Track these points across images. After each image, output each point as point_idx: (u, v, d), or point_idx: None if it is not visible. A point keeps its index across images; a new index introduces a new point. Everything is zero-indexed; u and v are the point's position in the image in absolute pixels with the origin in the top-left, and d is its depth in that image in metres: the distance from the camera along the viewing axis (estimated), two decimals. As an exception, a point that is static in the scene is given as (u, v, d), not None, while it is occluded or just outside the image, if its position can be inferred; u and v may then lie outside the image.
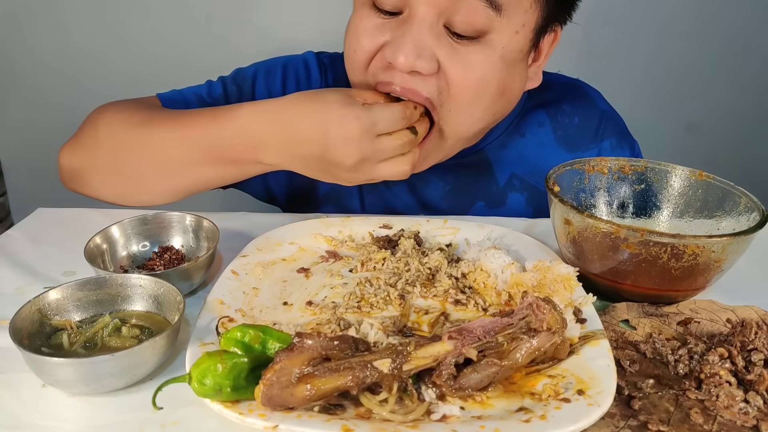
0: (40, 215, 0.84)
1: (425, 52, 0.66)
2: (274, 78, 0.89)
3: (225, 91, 0.87)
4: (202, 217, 0.70)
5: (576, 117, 0.90)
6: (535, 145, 0.89)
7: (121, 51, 1.88)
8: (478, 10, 0.65)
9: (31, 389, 0.50)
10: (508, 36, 0.68)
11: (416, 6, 0.66)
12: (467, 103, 0.71)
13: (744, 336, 0.54)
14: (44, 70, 1.92)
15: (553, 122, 0.89)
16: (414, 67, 0.66)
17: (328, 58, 0.92)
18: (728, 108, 2.01)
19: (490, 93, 0.71)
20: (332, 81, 0.90)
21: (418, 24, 0.66)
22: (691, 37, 1.90)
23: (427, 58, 0.66)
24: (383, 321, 0.56)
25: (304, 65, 0.91)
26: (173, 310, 0.55)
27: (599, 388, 0.46)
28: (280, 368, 0.44)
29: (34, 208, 0.85)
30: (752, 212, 0.64)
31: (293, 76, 0.90)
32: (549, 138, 0.89)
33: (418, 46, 0.66)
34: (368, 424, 0.43)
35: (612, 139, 0.90)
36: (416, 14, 0.66)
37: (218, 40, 1.86)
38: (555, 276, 0.59)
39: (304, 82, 0.90)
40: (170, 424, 0.47)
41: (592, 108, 0.92)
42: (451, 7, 0.65)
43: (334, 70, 0.91)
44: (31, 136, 1.99)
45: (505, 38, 0.68)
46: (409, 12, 0.67)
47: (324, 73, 0.91)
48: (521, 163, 0.89)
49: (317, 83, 0.90)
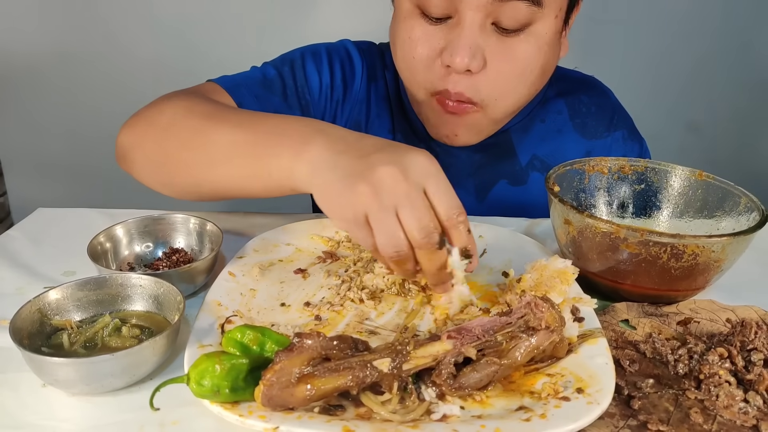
0: (40, 215, 0.84)
1: (477, 53, 0.73)
2: (321, 60, 0.92)
3: (278, 72, 0.88)
4: (206, 220, 0.70)
5: (593, 107, 0.97)
6: (554, 131, 0.95)
7: (121, 52, 1.88)
8: (521, 9, 0.71)
9: (31, 389, 0.50)
10: (549, 22, 0.75)
11: (464, 11, 0.72)
12: (513, 89, 0.78)
13: (744, 336, 0.54)
14: (44, 71, 1.92)
15: (571, 110, 0.96)
16: (468, 66, 0.73)
17: (365, 45, 0.97)
18: (728, 108, 2.01)
19: (534, 76, 0.78)
20: (370, 64, 0.95)
21: (468, 27, 0.72)
22: (692, 37, 1.90)
23: (479, 57, 0.73)
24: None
25: (346, 52, 0.94)
26: (173, 310, 0.55)
27: (598, 387, 0.46)
28: (279, 368, 0.44)
29: (34, 208, 0.85)
30: (752, 212, 0.64)
31: (338, 60, 0.93)
32: (567, 125, 0.96)
33: (472, 47, 0.73)
34: (369, 425, 0.43)
35: (624, 131, 0.97)
36: (465, 19, 0.72)
37: (218, 40, 1.86)
38: (552, 272, 0.59)
39: (349, 67, 0.94)
40: (170, 424, 0.47)
41: (607, 100, 0.99)
42: (496, 9, 0.71)
43: (369, 55, 0.96)
44: (31, 136, 1.99)
45: (547, 25, 0.75)
46: (458, 17, 0.73)
47: (364, 57, 0.95)
48: (541, 146, 0.95)
49: (359, 69, 0.94)
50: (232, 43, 1.85)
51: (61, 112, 1.93)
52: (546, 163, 0.95)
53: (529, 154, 0.95)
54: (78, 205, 0.85)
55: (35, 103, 1.96)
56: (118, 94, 1.73)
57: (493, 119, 0.82)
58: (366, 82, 0.94)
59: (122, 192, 1.87)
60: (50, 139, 1.98)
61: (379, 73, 0.95)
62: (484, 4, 0.71)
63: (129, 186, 1.68)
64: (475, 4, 0.71)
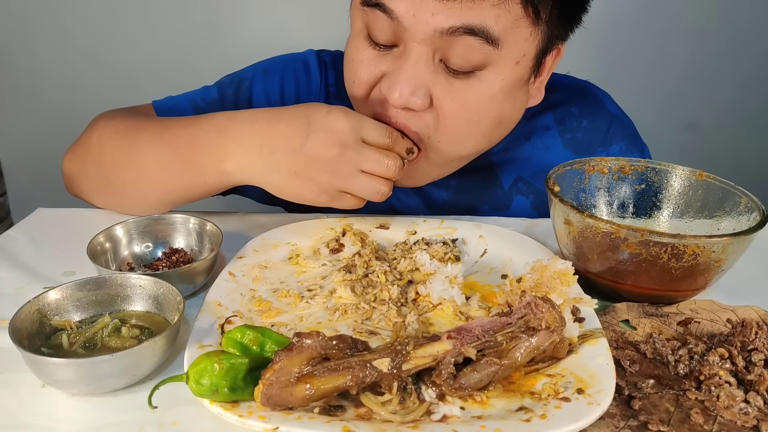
0: (40, 215, 0.84)
1: (419, 90, 0.65)
2: (272, 78, 0.88)
3: (221, 95, 0.87)
4: (206, 220, 0.70)
5: (584, 120, 0.88)
6: (540, 149, 0.87)
7: (121, 53, 1.88)
8: (474, 47, 0.63)
9: (31, 389, 0.50)
10: (508, 68, 0.66)
11: (410, 43, 0.65)
12: (462, 135, 0.70)
13: (744, 336, 0.54)
14: (44, 72, 1.92)
15: (560, 125, 0.88)
16: (407, 103, 0.66)
17: (329, 56, 0.91)
18: (728, 108, 2.01)
19: (485, 125, 0.70)
20: (333, 80, 0.89)
21: (413, 61, 0.65)
22: (692, 36, 1.90)
23: (421, 95, 0.66)
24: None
25: (304, 65, 0.90)
26: (173, 311, 0.55)
27: (599, 387, 0.46)
28: (279, 368, 0.44)
29: (34, 208, 0.85)
30: (752, 212, 0.64)
31: (292, 75, 0.88)
32: (555, 141, 0.87)
33: (413, 84, 0.65)
34: (369, 425, 0.43)
35: (621, 143, 0.89)
36: (411, 51, 0.65)
37: (218, 40, 1.86)
38: (552, 273, 0.59)
39: (304, 82, 0.89)
40: (169, 425, 0.47)
41: (602, 111, 0.90)
42: (446, 44, 0.64)
43: (335, 69, 0.90)
44: (32, 136, 1.99)
45: (506, 70, 0.66)
46: (404, 47, 0.66)
47: (324, 72, 0.90)
48: (526, 167, 0.87)
49: (317, 83, 0.89)
50: (233, 42, 1.85)
51: (61, 112, 1.93)
52: (532, 185, 0.87)
53: (512, 175, 0.87)
54: (78, 205, 0.85)
55: (35, 103, 1.96)
56: (118, 96, 1.72)
57: (438, 164, 0.74)
58: (324, 94, 0.89)
59: (122, 192, 1.87)
60: (50, 140, 1.97)
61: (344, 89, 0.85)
62: (431, 38, 0.63)
63: (129, 186, 1.67)
64: (420, 36, 0.63)
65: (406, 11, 0.63)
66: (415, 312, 0.59)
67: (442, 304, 0.60)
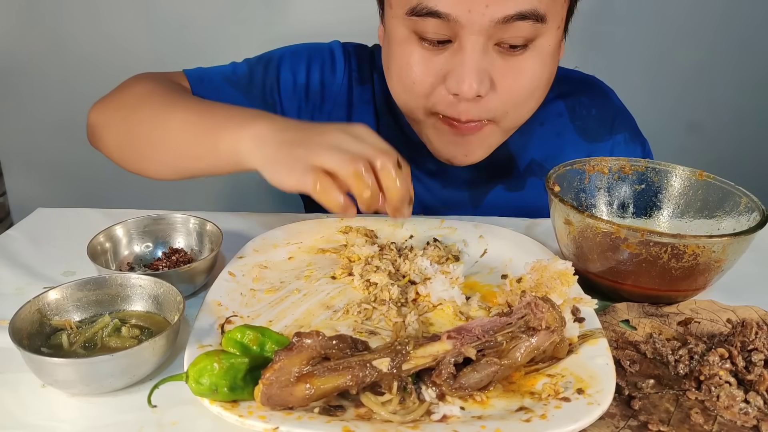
0: (40, 215, 0.84)
1: (484, 77, 0.70)
2: (300, 61, 0.91)
3: (250, 71, 0.89)
4: (206, 220, 0.70)
5: (593, 109, 0.94)
6: (553, 134, 0.93)
7: (121, 52, 1.88)
8: (525, 27, 0.68)
9: (31, 389, 0.50)
10: (553, 33, 0.72)
11: (466, 36, 0.68)
12: (523, 103, 0.76)
13: (744, 336, 0.54)
14: (44, 71, 1.92)
15: (571, 113, 0.94)
16: (478, 92, 0.70)
17: (352, 46, 0.95)
18: (729, 108, 2.01)
19: (541, 87, 0.76)
20: (356, 66, 0.93)
21: (471, 52, 0.69)
22: (692, 37, 1.90)
23: (486, 81, 0.71)
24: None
25: (330, 51, 0.93)
26: (173, 311, 0.55)
27: (599, 387, 0.46)
28: (279, 367, 0.44)
29: (34, 208, 0.85)
30: (752, 212, 0.64)
31: (318, 59, 0.91)
32: (567, 128, 0.93)
33: (479, 73, 0.69)
34: (369, 425, 0.43)
35: (626, 134, 0.95)
36: (467, 44, 0.69)
37: (218, 42, 1.86)
38: (552, 273, 0.59)
39: (329, 68, 0.92)
40: (169, 425, 0.47)
41: (608, 102, 0.96)
42: (499, 31, 0.68)
43: (357, 57, 0.94)
44: (31, 136, 1.99)
45: (551, 36, 0.72)
46: (459, 42, 0.69)
47: (348, 59, 0.93)
48: (540, 151, 0.93)
49: (341, 71, 0.92)
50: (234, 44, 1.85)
51: (61, 111, 1.93)
52: (544, 167, 0.92)
53: (527, 158, 0.92)
54: (78, 205, 0.85)
55: (35, 103, 1.96)
56: (118, 94, 1.72)
57: (505, 130, 0.80)
58: (347, 85, 0.92)
59: (122, 192, 1.87)
60: (50, 139, 1.98)
61: (366, 75, 0.92)
62: (486, 28, 0.67)
63: (129, 186, 1.68)
64: (477, 28, 0.67)
65: (460, 9, 0.67)
66: (415, 312, 0.59)
67: (442, 305, 0.60)
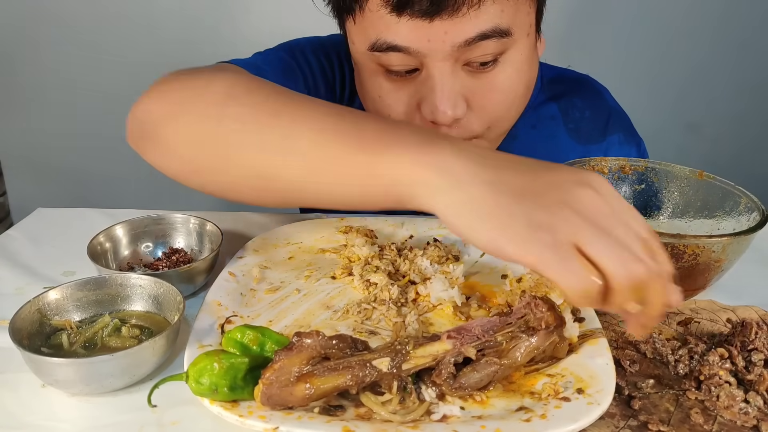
0: (40, 215, 0.84)
1: (458, 100, 0.69)
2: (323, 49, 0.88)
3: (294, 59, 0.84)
4: (206, 220, 0.70)
5: (587, 110, 0.93)
6: (546, 137, 0.91)
7: (121, 52, 1.88)
8: (491, 45, 0.66)
9: (31, 389, 0.50)
10: (522, 42, 0.70)
11: (432, 64, 0.67)
12: (503, 116, 0.75)
13: (744, 336, 0.54)
14: (45, 71, 1.92)
15: (564, 116, 0.92)
16: (455, 116, 0.69)
17: None
18: (728, 108, 2.01)
19: (520, 95, 0.75)
20: None
21: (440, 78, 0.67)
22: (692, 37, 1.90)
23: (461, 104, 0.69)
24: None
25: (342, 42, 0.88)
26: (173, 311, 0.55)
27: (599, 387, 0.46)
28: (279, 367, 0.44)
29: (34, 208, 0.85)
30: (752, 212, 0.64)
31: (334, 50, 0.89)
32: (560, 130, 0.92)
33: (451, 98, 0.68)
34: (369, 425, 0.43)
35: (620, 134, 0.93)
36: (434, 71, 0.67)
37: (221, 38, 1.86)
38: None
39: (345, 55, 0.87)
40: (169, 425, 0.47)
41: (602, 102, 0.95)
42: (464, 52, 0.66)
43: None
44: (32, 136, 1.99)
45: (521, 45, 0.70)
46: (426, 71, 0.68)
47: None
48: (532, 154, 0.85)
49: None
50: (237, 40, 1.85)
51: (61, 112, 1.93)
52: None
53: None
54: (78, 205, 0.85)
55: (35, 103, 1.96)
56: (119, 94, 1.72)
57: (493, 140, 0.79)
58: None
59: (122, 192, 1.87)
60: (50, 139, 1.98)
61: None
62: (450, 53, 0.66)
63: (129, 186, 1.68)
64: (440, 55, 0.66)
65: (420, 41, 0.65)
66: (415, 312, 0.59)
67: (442, 304, 0.60)
